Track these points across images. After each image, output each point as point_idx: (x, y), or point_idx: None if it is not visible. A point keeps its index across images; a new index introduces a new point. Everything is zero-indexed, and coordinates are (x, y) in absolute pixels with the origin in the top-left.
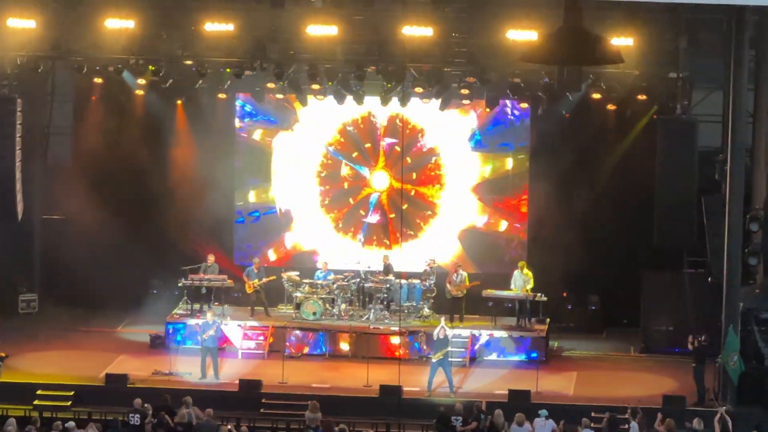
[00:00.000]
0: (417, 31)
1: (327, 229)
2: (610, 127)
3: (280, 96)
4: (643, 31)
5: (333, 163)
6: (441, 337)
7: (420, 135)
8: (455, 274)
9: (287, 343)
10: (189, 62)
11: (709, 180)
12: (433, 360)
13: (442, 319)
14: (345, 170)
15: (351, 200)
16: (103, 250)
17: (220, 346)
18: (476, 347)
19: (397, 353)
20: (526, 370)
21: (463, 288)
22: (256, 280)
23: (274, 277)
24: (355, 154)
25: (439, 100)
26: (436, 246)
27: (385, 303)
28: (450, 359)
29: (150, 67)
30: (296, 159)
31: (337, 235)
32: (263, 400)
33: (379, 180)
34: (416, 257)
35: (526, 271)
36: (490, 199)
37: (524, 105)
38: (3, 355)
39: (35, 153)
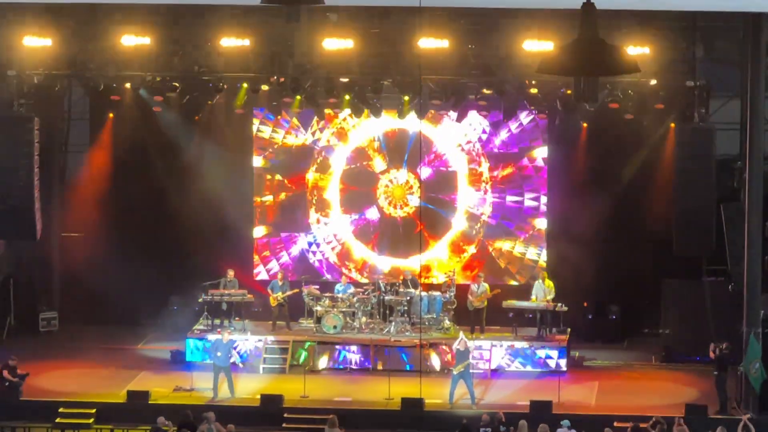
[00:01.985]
0: (433, 43)
1: (348, 237)
2: (628, 137)
3: (297, 110)
4: (660, 40)
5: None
6: (462, 349)
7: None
8: (476, 285)
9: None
10: (206, 78)
11: (728, 188)
12: (454, 372)
13: (461, 333)
14: (366, 178)
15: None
16: (122, 267)
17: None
18: (497, 358)
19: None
20: (548, 381)
21: (484, 298)
22: (280, 293)
23: (297, 290)
24: (375, 163)
25: (456, 112)
26: (453, 257)
27: (405, 315)
28: (471, 371)
29: (166, 83)
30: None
31: (358, 242)
32: (285, 415)
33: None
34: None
35: (547, 281)
36: (507, 209)
37: (542, 115)
38: (24, 373)
39: (53, 171)
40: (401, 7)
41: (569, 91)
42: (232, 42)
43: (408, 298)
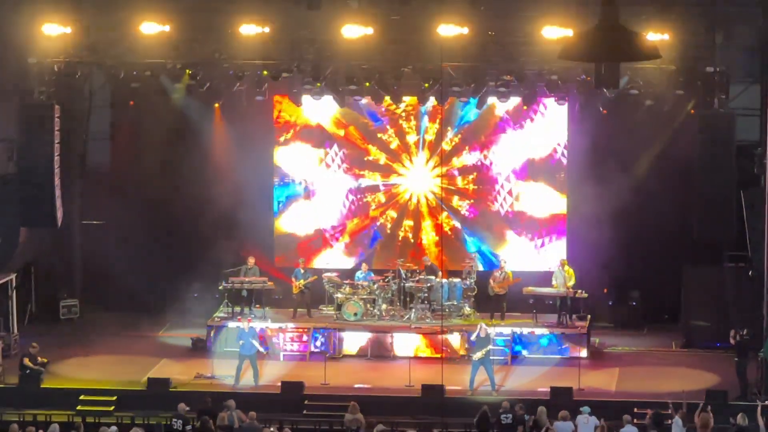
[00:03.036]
0: (453, 30)
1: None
2: (648, 123)
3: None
4: (679, 26)
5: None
6: (482, 335)
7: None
8: (498, 271)
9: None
10: (226, 65)
11: (748, 173)
12: (474, 359)
13: (481, 323)
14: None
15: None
16: (143, 254)
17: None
18: (517, 345)
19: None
20: (568, 368)
21: (506, 284)
22: (302, 281)
23: (316, 277)
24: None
25: (476, 98)
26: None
27: (426, 302)
28: (491, 357)
29: (187, 71)
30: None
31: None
32: (306, 402)
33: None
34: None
35: (567, 268)
36: (528, 196)
37: (562, 102)
38: (45, 360)
39: (74, 159)
40: None
41: (589, 77)
42: (253, 29)
43: (428, 285)
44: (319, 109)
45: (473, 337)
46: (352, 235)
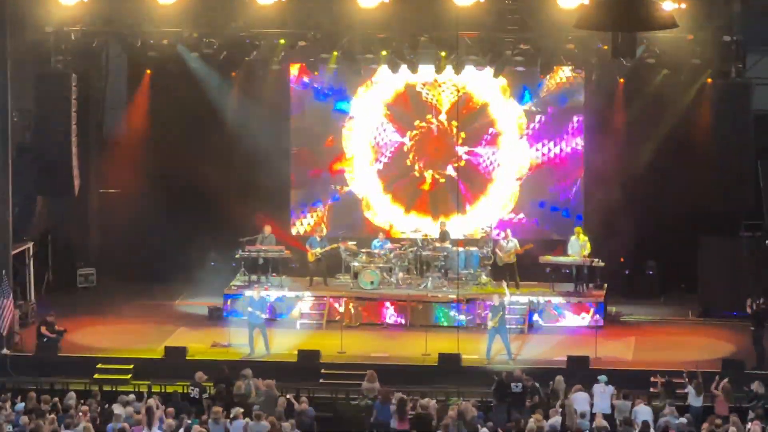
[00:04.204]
0: None
1: (380, 197)
2: (665, 92)
3: (333, 66)
4: None
5: (387, 132)
6: (495, 303)
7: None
8: (505, 240)
9: None
10: (242, 34)
11: (766, 143)
12: (489, 326)
13: (504, 285)
14: (400, 138)
15: (405, 168)
16: (160, 223)
17: (272, 317)
18: (534, 313)
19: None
20: (585, 336)
21: (513, 254)
22: (319, 249)
23: (336, 245)
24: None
25: (493, 68)
26: (490, 214)
27: (442, 271)
28: (508, 326)
29: (204, 39)
30: (352, 127)
31: (392, 204)
32: (322, 371)
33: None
34: (471, 223)
35: (582, 236)
36: (545, 165)
37: (579, 71)
38: (62, 329)
39: (91, 128)
40: None
41: (606, 47)
42: None
43: (445, 253)
44: None
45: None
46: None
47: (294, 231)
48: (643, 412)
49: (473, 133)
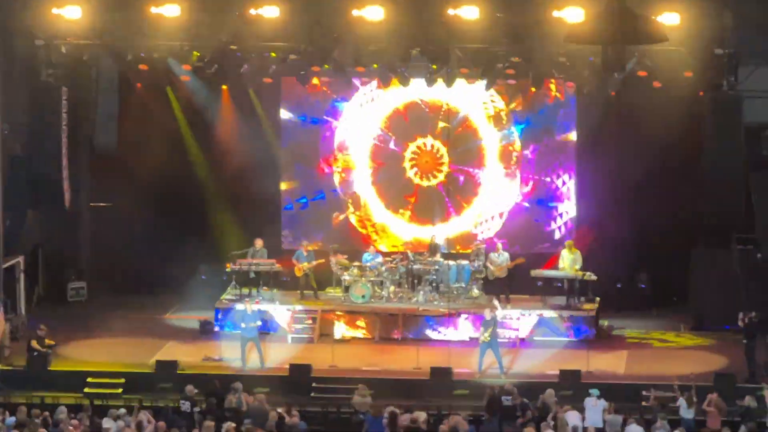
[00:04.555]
0: (461, 12)
1: (378, 208)
2: (657, 105)
3: (325, 79)
4: (689, 7)
5: (383, 144)
6: (487, 318)
7: (462, 117)
8: (496, 254)
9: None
10: (234, 47)
11: (758, 156)
12: (481, 340)
13: (494, 300)
14: (394, 148)
15: (399, 179)
16: (151, 236)
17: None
18: (526, 328)
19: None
20: (577, 350)
21: (505, 268)
22: (306, 264)
23: (323, 260)
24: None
25: (485, 81)
26: (480, 225)
27: (434, 285)
28: (499, 340)
29: (194, 53)
30: (347, 141)
31: (387, 212)
32: (313, 384)
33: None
34: (461, 235)
35: (573, 249)
36: (537, 178)
37: (570, 84)
38: (52, 343)
39: (82, 141)
40: None
41: (597, 60)
42: (261, 11)
43: (436, 267)
44: None
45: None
46: None
47: (284, 245)
48: (634, 431)
49: (464, 155)
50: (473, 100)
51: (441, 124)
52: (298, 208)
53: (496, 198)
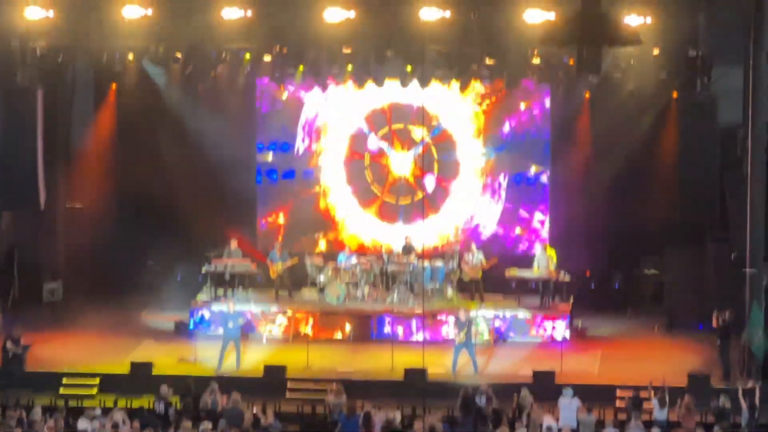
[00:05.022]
0: (435, 13)
1: (351, 204)
2: (630, 106)
3: (298, 81)
4: (662, 8)
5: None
6: (462, 319)
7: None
8: (470, 254)
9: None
10: (208, 48)
11: (731, 156)
12: (457, 342)
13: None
14: (372, 146)
15: (371, 176)
16: (126, 237)
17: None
18: (500, 328)
19: None
20: (551, 351)
21: (479, 269)
22: (280, 264)
23: (297, 260)
24: (381, 134)
25: (459, 81)
26: (455, 225)
27: (408, 285)
28: (473, 341)
29: (169, 54)
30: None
31: (360, 209)
32: (288, 386)
33: (402, 163)
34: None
35: (549, 250)
36: (510, 180)
37: (544, 85)
38: (27, 344)
39: (57, 143)
40: None
41: (572, 61)
42: (234, 12)
43: (411, 268)
44: None
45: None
46: None
47: (260, 246)
48: None
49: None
50: (454, 110)
51: (419, 131)
52: (267, 183)
53: (468, 203)
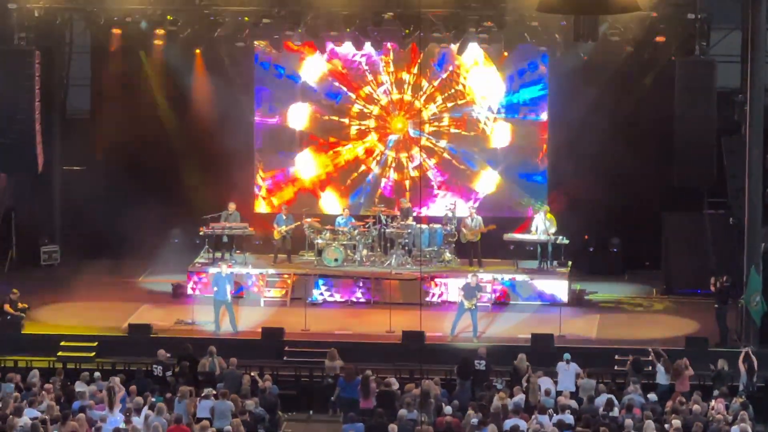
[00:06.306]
0: None
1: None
2: (628, 70)
3: (298, 43)
4: None
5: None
6: (472, 285)
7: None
8: (469, 218)
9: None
10: (206, 11)
11: (729, 120)
12: (467, 307)
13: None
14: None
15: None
16: (124, 200)
17: (239, 295)
18: (499, 291)
19: None
20: (549, 314)
21: (478, 232)
22: (284, 227)
23: (299, 223)
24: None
25: (457, 44)
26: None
27: (406, 248)
28: (478, 304)
29: (167, 16)
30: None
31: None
32: (286, 348)
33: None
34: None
35: (548, 214)
36: (509, 142)
37: (542, 48)
38: (25, 306)
39: (54, 105)
40: None
41: (569, 25)
42: None
43: (409, 230)
44: None
45: (461, 286)
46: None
47: (257, 208)
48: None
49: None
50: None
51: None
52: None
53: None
